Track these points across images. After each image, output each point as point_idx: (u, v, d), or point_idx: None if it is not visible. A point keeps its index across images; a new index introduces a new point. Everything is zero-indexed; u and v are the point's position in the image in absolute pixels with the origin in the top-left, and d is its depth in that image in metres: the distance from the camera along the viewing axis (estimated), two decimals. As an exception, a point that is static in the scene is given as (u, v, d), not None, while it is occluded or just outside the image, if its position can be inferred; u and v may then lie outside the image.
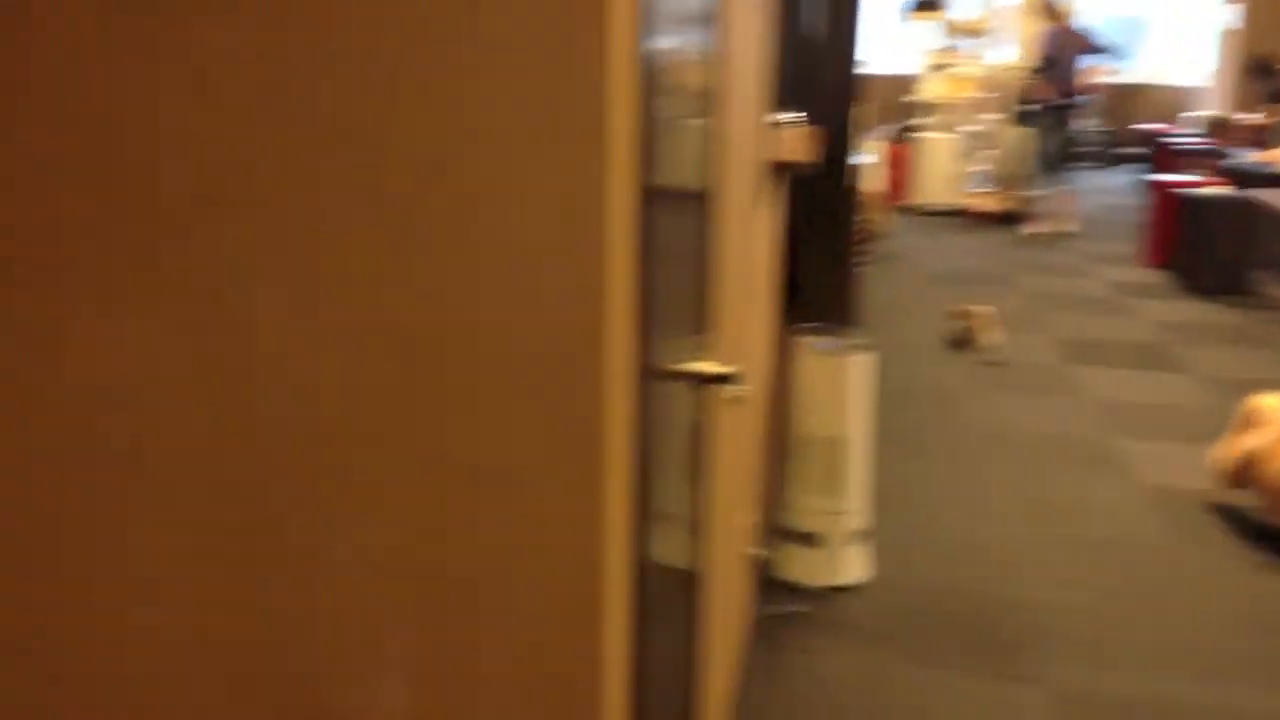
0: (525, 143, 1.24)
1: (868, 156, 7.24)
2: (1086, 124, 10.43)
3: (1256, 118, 11.58)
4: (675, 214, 1.65)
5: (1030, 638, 3.48)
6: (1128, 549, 4.09)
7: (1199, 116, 12.60)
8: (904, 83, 11.27)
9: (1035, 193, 9.89)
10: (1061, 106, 9.59)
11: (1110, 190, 11.96)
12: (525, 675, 1.38)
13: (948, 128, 10.65)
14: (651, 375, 1.48)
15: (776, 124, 3.39)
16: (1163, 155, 11.08)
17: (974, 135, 10.55)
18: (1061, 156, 9.75)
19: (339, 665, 1.41)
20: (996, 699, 3.16)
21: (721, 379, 1.78)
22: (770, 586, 3.69)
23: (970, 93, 10.64)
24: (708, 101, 1.94)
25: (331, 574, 1.39)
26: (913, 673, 3.29)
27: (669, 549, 1.80)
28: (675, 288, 1.69)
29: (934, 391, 5.78)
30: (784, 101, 3.50)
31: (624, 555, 1.41)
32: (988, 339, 6.43)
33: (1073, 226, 9.77)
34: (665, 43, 1.48)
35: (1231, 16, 12.76)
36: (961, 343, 6.49)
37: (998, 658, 3.37)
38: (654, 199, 1.41)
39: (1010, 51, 10.70)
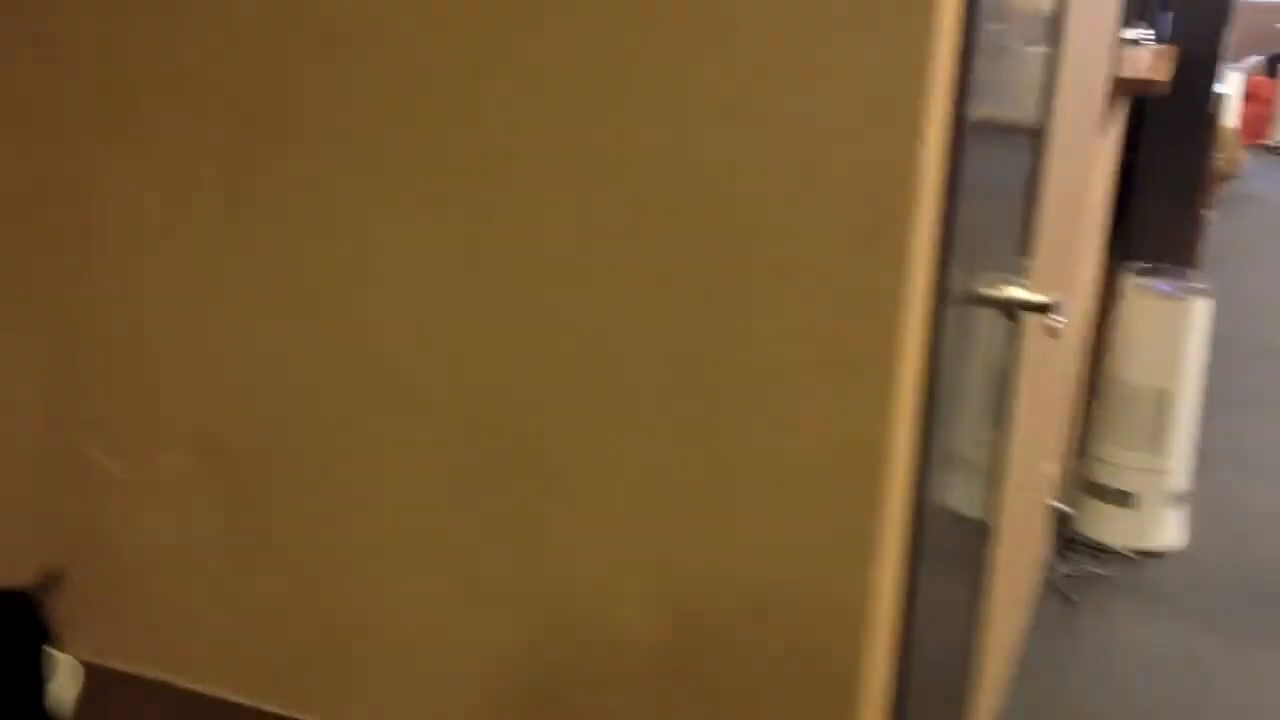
0: (838, 65, 1.15)
1: (1225, 87, 6.55)
2: None
3: None
4: (1003, 130, 1.50)
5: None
6: None
7: None
8: (1276, 8, 10.11)
9: None
10: None
11: None
12: (783, 603, 1.31)
13: (1326, 59, 9.51)
14: (955, 297, 1.34)
15: (1126, 40, 3.08)
16: None
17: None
18: None
19: (586, 575, 1.39)
20: (1325, 694, 2.83)
21: (1037, 308, 1.61)
22: (1069, 543, 3.44)
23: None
24: (1047, 21, 1.75)
25: (589, 482, 1.36)
26: (1229, 652, 2.99)
27: (959, 491, 1.66)
28: (994, 207, 1.53)
29: (1280, 349, 5.23)
30: (1139, 15, 3.17)
31: (905, 488, 1.30)
32: (1352, 296, 5.74)
33: None
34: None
35: None
36: (1320, 298, 5.83)
37: (1331, 648, 3.01)
38: (979, 124, 1.27)
39: None
